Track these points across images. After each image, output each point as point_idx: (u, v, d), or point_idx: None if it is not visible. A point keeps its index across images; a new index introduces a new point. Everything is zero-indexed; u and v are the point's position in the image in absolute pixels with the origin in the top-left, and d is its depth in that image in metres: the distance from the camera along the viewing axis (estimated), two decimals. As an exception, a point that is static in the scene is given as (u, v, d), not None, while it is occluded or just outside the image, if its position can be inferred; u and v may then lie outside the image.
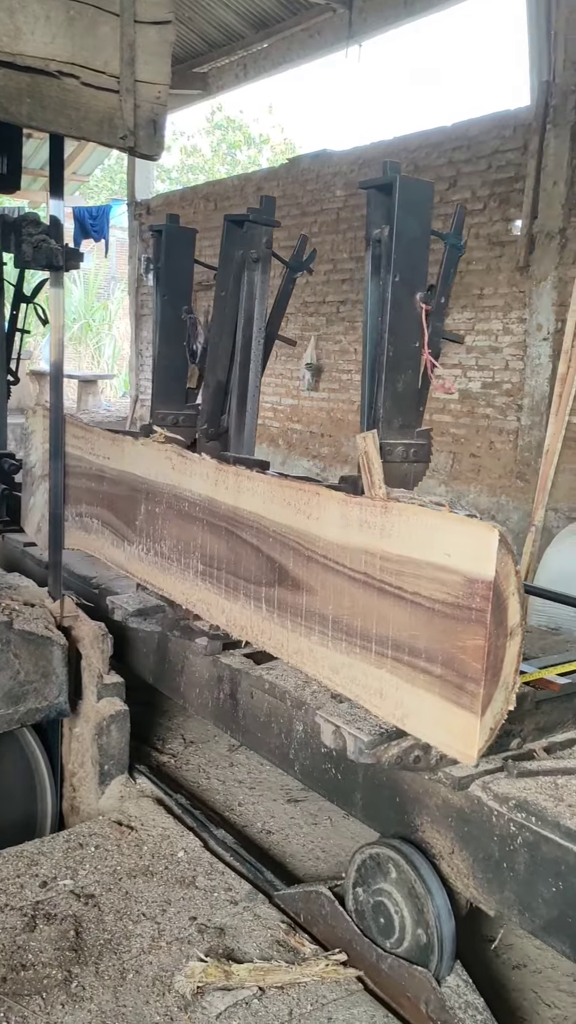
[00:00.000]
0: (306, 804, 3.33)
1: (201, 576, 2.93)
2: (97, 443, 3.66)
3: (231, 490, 2.76)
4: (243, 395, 3.47)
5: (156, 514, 3.19)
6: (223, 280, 3.45)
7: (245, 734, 3.07)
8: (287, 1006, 2.11)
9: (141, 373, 12.73)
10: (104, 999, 2.11)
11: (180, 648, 3.39)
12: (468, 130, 7.41)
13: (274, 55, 10.42)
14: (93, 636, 3.14)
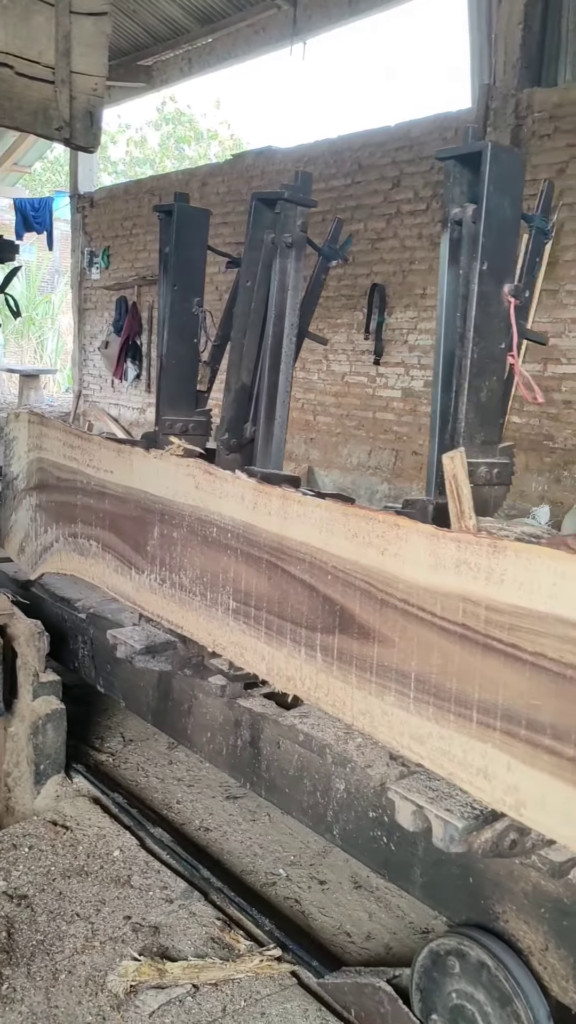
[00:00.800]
0: (245, 801, 3.34)
1: (233, 615, 2.53)
2: (97, 454, 3.20)
3: (276, 516, 2.34)
4: (271, 400, 3.04)
5: (174, 540, 2.76)
6: (249, 268, 3.06)
7: (269, 789, 2.73)
8: (221, 1002, 2.11)
9: (84, 368, 12.59)
10: (35, 1000, 2.09)
11: (187, 686, 3.03)
12: (410, 131, 7.48)
13: (219, 50, 10.38)
14: (29, 634, 3.10)
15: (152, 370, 11.08)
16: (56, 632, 3.99)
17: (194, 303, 3.59)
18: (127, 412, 11.60)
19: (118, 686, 3.60)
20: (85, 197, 12.19)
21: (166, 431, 3.52)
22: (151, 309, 11.00)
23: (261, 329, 3.01)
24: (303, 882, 2.88)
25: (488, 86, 6.82)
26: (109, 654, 3.49)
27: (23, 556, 3.87)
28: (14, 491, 3.93)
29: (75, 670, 3.93)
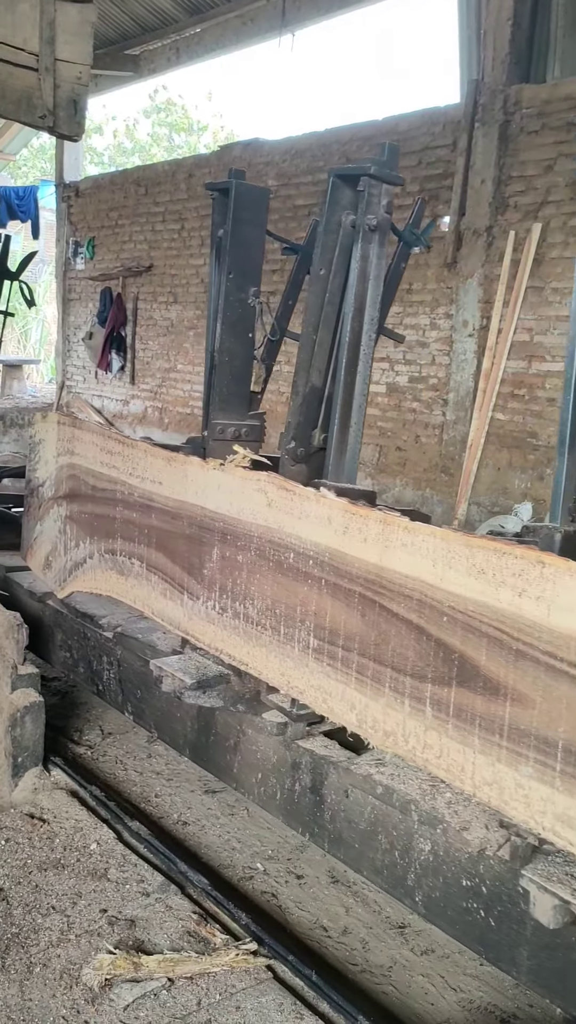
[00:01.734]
0: (223, 795, 3.33)
1: (315, 655, 2.23)
2: (142, 462, 2.86)
3: (374, 543, 2.03)
4: (347, 404, 2.73)
5: (238, 564, 2.46)
6: (324, 255, 2.72)
7: (334, 842, 2.49)
8: (196, 996, 2.11)
9: (68, 359, 12.52)
10: (9, 993, 2.08)
11: (234, 720, 2.75)
12: (398, 125, 7.47)
13: (207, 40, 10.33)
14: (7, 626, 3.08)
15: (136, 362, 11.04)
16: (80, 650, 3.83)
17: (251, 293, 3.24)
18: (110, 404, 11.55)
19: (149, 714, 3.32)
20: (71, 186, 12.11)
21: (216, 436, 3.18)
22: (135, 300, 10.95)
23: (335, 324, 2.71)
24: (280, 876, 2.88)
25: (477, 82, 6.82)
26: (139, 679, 3.23)
27: (49, 572, 3.51)
28: (40, 499, 3.57)
29: (99, 694, 3.75)
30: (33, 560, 3.69)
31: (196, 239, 9.95)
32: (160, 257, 10.54)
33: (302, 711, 2.47)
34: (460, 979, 2.46)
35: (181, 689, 2.66)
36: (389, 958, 2.54)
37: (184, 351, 10.31)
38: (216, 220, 3.39)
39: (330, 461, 2.76)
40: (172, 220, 10.30)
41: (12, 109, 2.65)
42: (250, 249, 3.21)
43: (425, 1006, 2.38)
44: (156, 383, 10.81)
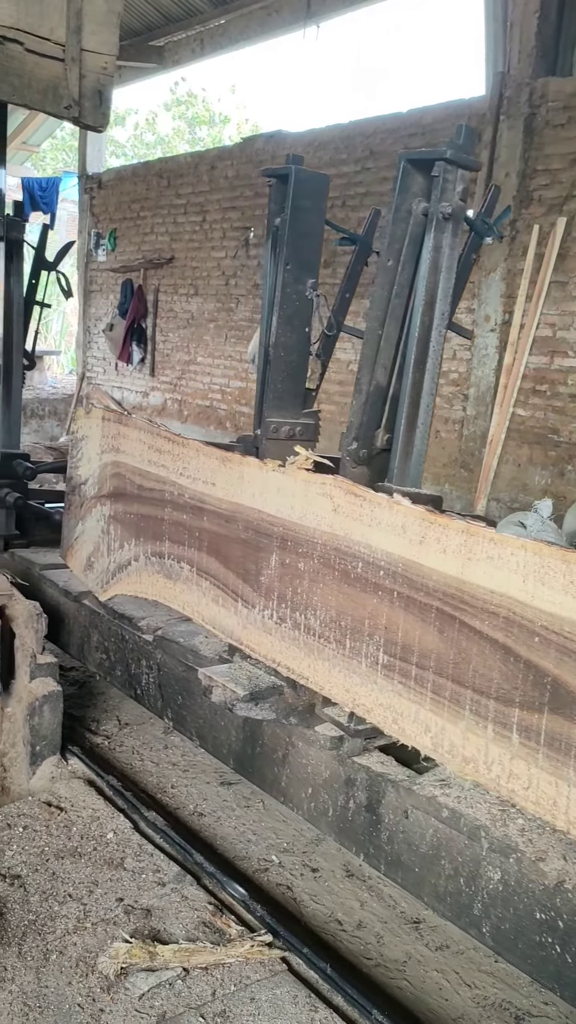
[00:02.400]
0: (239, 787, 3.34)
1: (384, 671, 2.11)
2: (193, 462, 2.73)
3: (454, 555, 1.90)
4: (414, 404, 2.58)
5: (299, 572, 2.33)
6: (392, 245, 2.60)
7: (391, 864, 2.40)
8: (211, 986, 2.12)
9: (88, 350, 12.56)
10: (26, 980, 2.10)
11: (283, 732, 2.64)
12: (422, 117, 7.42)
13: (232, 31, 10.30)
14: (27, 615, 3.10)
15: (156, 355, 11.05)
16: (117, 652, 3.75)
17: (308, 285, 3.10)
18: (130, 395, 11.58)
19: (191, 722, 3.23)
20: (93, 178, 12.13)
21: (270, 435, 3.05)
22: (156, 292, 10.96)
23: (403, 318, 2.57)
24: (295, 869, 2.88)
25: (502, 74, 6.76)
26: (181, 685, 3.15)
27: (91, 573, 3.41)
28: (81, 497, 3.45)
29: (136, 698, 3.69)
30: (73, 560, 3.58)
31: (218, 231, 9.94)
32: (181, 249, 10.54)
33: (360, 726, 2.35)
34: (475, 975, 2.45)
35: (233, 700, 2.57)
36: (404, 953, 2.53)
37: (204, 344, 10.31)
38: (273, 208, 3.25)
39: (395, 464, 2.61)
40: (194, 212, 10.29)
41: (38, 99, 2.65)
42: (309, 239, 3.05)
43: (439, 1002, 2.37)
44: (176, 375, 10.82)
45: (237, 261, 9.66)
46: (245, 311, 9.58)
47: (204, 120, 23.72)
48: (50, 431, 11.45)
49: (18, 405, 4.50)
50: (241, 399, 9.83)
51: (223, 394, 10.10)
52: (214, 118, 23.78)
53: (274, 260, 3.19)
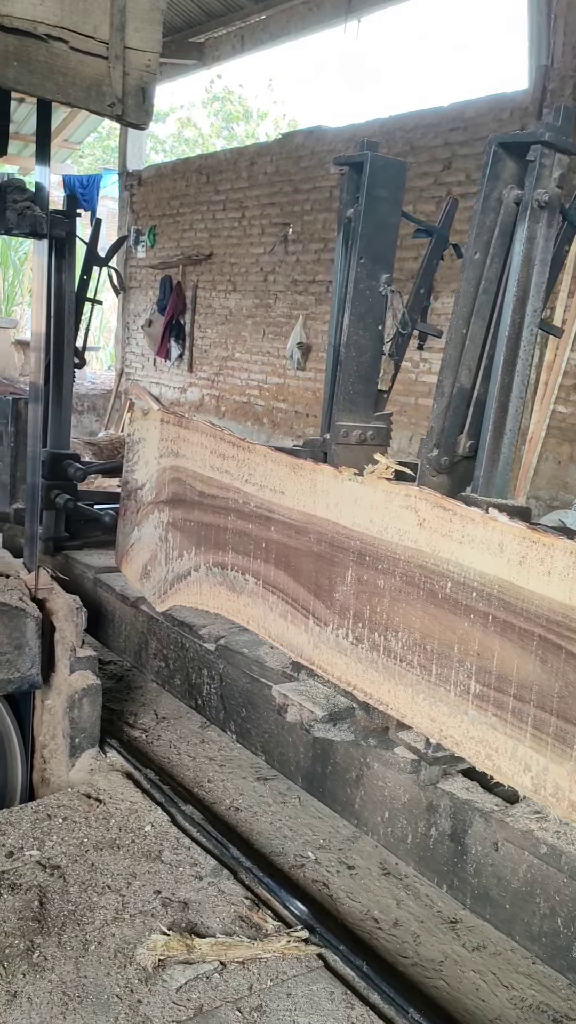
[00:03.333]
0: (275, 783, 3.35)
1: (477, 702, 1.94)
2: (260, 468, 2.57)
3: (560, 578, 1.74)
4: (502, 408, 2.42)
5: (379, 589, 2.17)
6: (479, 237, 2.44)
7: (478, 899, 2.31)
8: (247, 981, 2.13)
9: (127, 346, 12.65)
10: (65, 970, 2.12)
11: (357, 751, 2.54)
12: (464, 111, 7.36)
13: (272, 27, 10.30)
14: (67, 609, 3.13)
15: (194, 350, 11.10)
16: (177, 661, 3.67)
17: (383, 281, 2.96)
18: (168, 391, 11.64)
19: (256, 736, 3.16)
20: (133, 175, 12.20)
21: (340, 440, 2.90)
22: (195, 289, 11.00)
23: (490, 316, 2.42)
24: (332, 866, 2.88)
25: (546, 67, 6.68)
26: (245, 697, 3.08)
27: (147, 582, 3.24)
28: (138, 502, 3.31)
29: (197, 708, 3.68)
30: (129, 568, 3.42)
31: (256, 228, 9.94)
32: (220, 245, 10.56)
33: (439, 753, 2.22)
34: (512, 977, 2.44)
35: (311, 721, 2.41)
36: (441, 952, 2.52)
37: (242, 340, 10.33)
38: (345, 199, 3.09)
39: (480, 472, 2.42)
40: (233, 208, 10.31)
41: (82, 97, 2.66)
42: (384, 231, 2.88)
43: (476, 1002, 2.36)
44: (213, 371, 10.86)
45: (275, 257, 9.66)
46: (283, 307, 9.59)
47: (240, 116, 23.75)
48: (89, 426, 11.55)
49: (69, 405, 4.42)
50: (278, 395, 9.84)
51: (260, 390, 10.11)
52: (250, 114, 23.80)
53: (346, 254, 3.04)
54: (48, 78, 2.59)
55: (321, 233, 8.99)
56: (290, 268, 9.47)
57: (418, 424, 7.95)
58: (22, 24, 2.48)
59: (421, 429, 7.94)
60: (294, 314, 9.40)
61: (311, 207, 9.09)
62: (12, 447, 4.51)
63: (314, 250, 9.10)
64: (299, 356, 9.32)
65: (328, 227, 8.93)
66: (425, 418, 7.84)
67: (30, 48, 2.54)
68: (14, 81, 2.55)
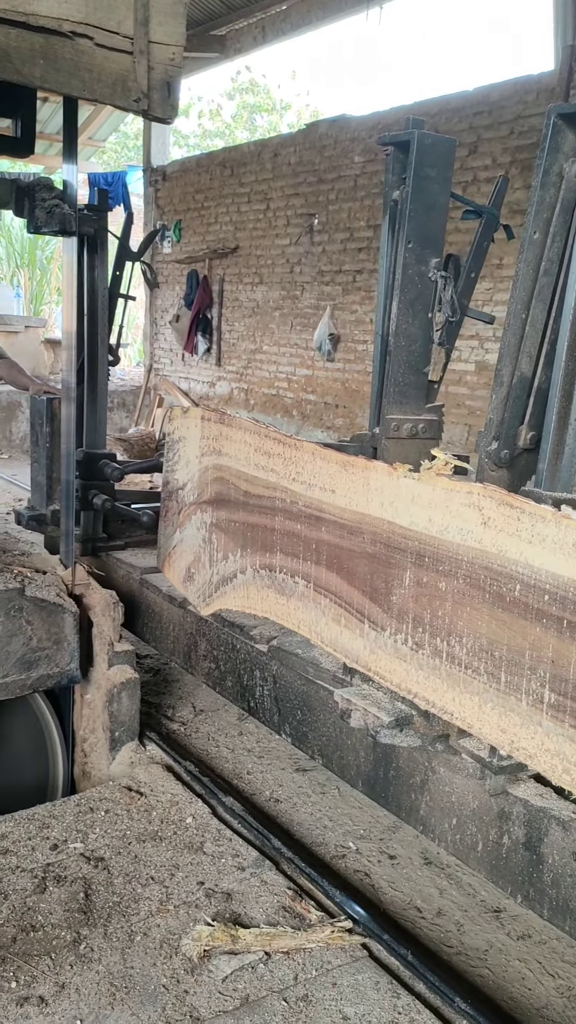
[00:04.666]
0: (314, 774, 3.35)
1: (552, 712, 1.83)
2: (308, 466, 2.47)
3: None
4: (567, 397, 2.31)
5: (440, 592, 2.07)
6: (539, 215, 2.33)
7: (556, 910, 2.25)
8: (292, 971, 2.14)
9: (155, 342, 12.69)
10: (112, 960, 2.14)
11: (422, 755, 2.48)
12: (490, 95, 7.28)
13: (293, 17, 10.25)
14: (104, 604, 3.15)
15: (222, 344, 11.11)
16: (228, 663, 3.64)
17: (432, 266, 2.85)
18: (197, 386, 11.67)
19: (314, 740, 3.09)
20: (158, 170, 12.22)
21: (391, 434, 2.81)
22: (221, 282, 11.00)
23: (551, 299, 2.29)
24: (373, 856, 2.88)
25: (572, 47, 6.58)
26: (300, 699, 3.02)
27: (191, 585, 3.17)
28: (180, 503, 3.24)
29: (251, 711, 3.67)
30: (171, 571, 3.35)
31: (281, 219, 9.92)
32: (245, 238, 10.56)
33: (504, 762, 2.14)
34: (558, 966, 2.42)
35: (377, 727, 2.33)
36: (485, 941, 2.52)
37: (270, 332, 10.32)
38: (391, 180, 2.96)
39: (543, 465, 2.32)
40: (257, 201, 10.29)
41: (107, 93, 2.67)
42: (433, 213, 2.76)
43: (522, 991, 2.35)
44: (242, 365, 10.86)
45: (301, 248, 9.63)
46: (310, 298, 9.56)
47: (265, 108, 23.69)
48: (119, 423, 11.61)
49: (104, 403, 4.35)
50: (307, 387, 9.82)
51: (289, 382, 10.10)
52: (275, 105, 23.73)
53: (392, 238, 2.93)
54: (74, 75, 2.60)
55: (347, 223, 8.95)
56: (316, 259, 9.44)
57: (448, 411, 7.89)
58: (47, 22, 2.49)
59: (452, 416, 7.89)
60: (321, 305, 9.37)
61: (336, 196, 9.05)
62: (48, 448, 4.50)
63: (340, 240, 9.06)
64: (330, 347, 9.28)
65: (353, 216, 8.89)
66: (455, 405, 7.79)
67: (55, 46, 2.55)
68: (41, 80, 2.56)
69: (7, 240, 17.12)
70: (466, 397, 7.73)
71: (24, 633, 2.86)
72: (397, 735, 2.37)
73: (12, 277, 17.10)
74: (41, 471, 4.58)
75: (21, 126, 3.30)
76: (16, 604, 2.84)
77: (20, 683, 2.88)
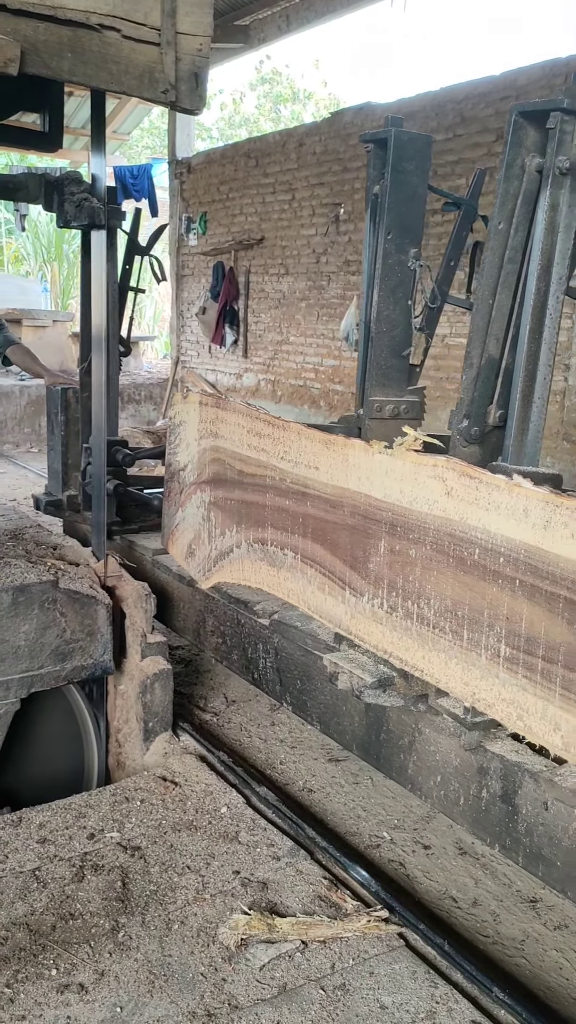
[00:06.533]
0: (347, 763, 3.36)
1: (507, 665, 2.01)
2: (295, 445, 2.65)
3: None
4: (530, 377, 2.47)
5: (412, 559, 2.23)
6: (504, 205, 2.48)
7: (530, 857, 2.41)
8: (329, 960, 2.14)
9: (182, 334, 12.71)
10: (150, 948, 2.16)
11: (410, 718, 2.64)
12: (517, 80, 7.20)
13: (317, 5, 10.18)
14: (136, 596, 3.17)
15: (249, 336, 11.10)
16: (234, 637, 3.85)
17: (411, 255, 3.00)
18: (224, 378, 11.68)
19: (312, 707, 3.24)
20: (183, 163, 12.22)
21: (374, 415, 2.97)
22: (247, 274, 10.99)
23: (516, 285, 2.45)
24: (407, 846, 2.88)
25: (600, 28, 6.49)
26: (300, 669, 3.18)
27: (192, 560, 3.34)
28: (181, 484, 3.41)
29: (255, 682, 3.79)
30: (175, 548, 3.53)
31: (307, 209, 9.88)
32: (271, 229, 10.53)
33: (477, 719, 2.29)
34: (595, 956, 2.41)
35: (361, 687, 2.48)
36: (521, 931, 2.51)
37: (296, 323, 10.30)
38: (372, 175, 3.16)
39: (510, 441, 2.48)
40: (282, 191, 10.26)
41: (135, 85, 2.66)
42: (411, 204, 2.94)
43: (559, 980, 2.34)
44: (268, 356, 10.85)
45: (327, 238, 9.59)
46: (336, 288, 9.52)
47: (288, 98, 23.58)
48: (147, 415, 11.66)
49: (115, 392, 4.54)
50: (334, 377, 9.79)
51: (316, 373, 10.08)
52: (297, 95, 23.61)
53: (374, 230, 3.09)
54: (102, 68, 2.60)
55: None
56: (342, 248, 9.39)
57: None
58: (75, 15, 2.49)
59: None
60: (347, 295, 9.33)
61: (361, 185, 8.99)
62: (63, 436, 4.64)
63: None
64: (357, 337, 9.23)
65: (380, 205, 8.84)
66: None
67: (83, 39, 2.55)
68: (69, 73, 2.56)
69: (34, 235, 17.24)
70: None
71: (58, 625, 2.89)
72: (380, 695, 2.51)
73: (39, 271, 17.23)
74: (57, 458, 4.73)
75: (49, 120, 3.32)
76: (50, 596, 2.86)
77: (55, 674, 2.90)
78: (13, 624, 2.78)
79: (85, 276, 4.05)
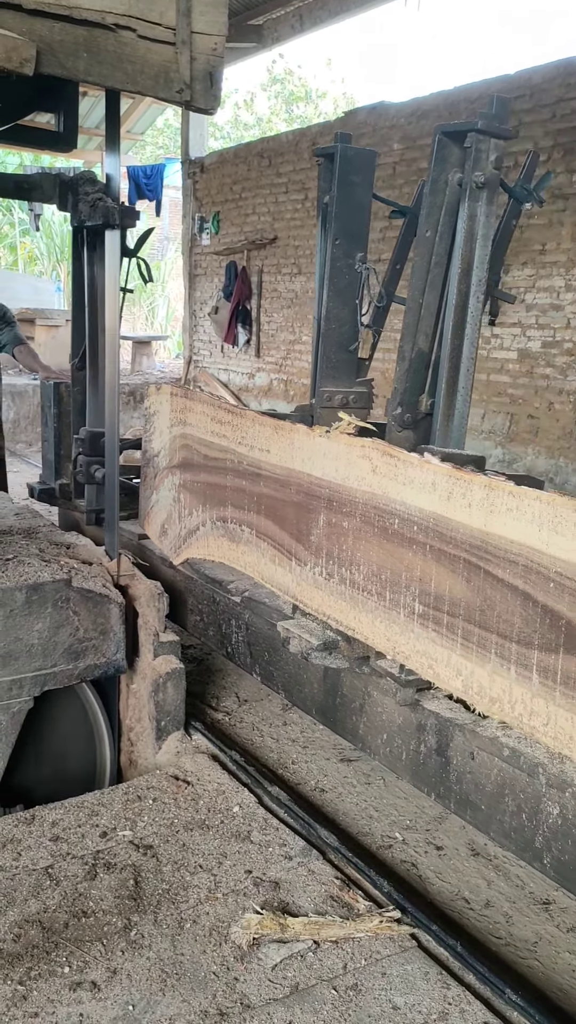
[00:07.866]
0: (359, 764, 3.35)
1: (420, 620, 2.25)
2: (250, 431, 2.88)
3: (478, 508, 2.03)
4: (454, 368, 2.73)
5: (345, 530, 2.48)
6: (430, 215, 2.72)
7: (460, 803, 2.62)
8: (341, 960, 2.14)
9: (195, 334, 12.72)
10: (162, 947, 2.16)
11: (360, 683, 2.86)
12: (531, 78, 7.17)
13: (331, 4, 10.17)
14: (149, 595, 3.17)
15: (261, 335, 11.10)
16: (210, 614, 4.08)
17: (357, 259, 3.21)
18: (236, 377, 11.68)
19: (278, 677, 3.43)
20: (196, 162, 12.23)
21: (324, 404, 3.19)
22: (260, 273, 10.99)
23: (442, 286, 2.69)
24: (419, 847, 2.88)
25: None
26: (267, 643, 3.40)
27: (165, 539, 3.60)
28: (155, 468, 3.65)
29: (229, 656, 3.94)
30: (150, 528, 3.78)
31: (320, 209, 9.88)
32: (283, 228, 10.53)
33: (410, 677, 2.50)
34: (609, 959, 2.40)
35: (308, 650, 2.71)
36: (534, 933, 2.50)
37: (308, 322, 10.28)
38: (322, 186, 3.41)
39: (437, 427, 2.75)
40: (295, 190, 10.26)
41: (150, 85, 2.67)
42: (356, 213, 3.18)
43: (572, 983, 2.34)
44: (281, 355, 10.85)
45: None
46: (349, 288, 9.52)
47: (300, 97, 23.56)
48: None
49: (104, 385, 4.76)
50: (347, 377, 9.78)
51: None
52: (310, 94, 23.59)
53: (324, 236, 3.30)
54: (117, 68, 2.60)
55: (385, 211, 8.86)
56: (355, 248, 9.38)
57: (489, 400, 7.82)
58: (90, 15, 2.50)
59: (493, 405, 7.81)
60: (360, 294, 9.32)
61: (380, 184, 8.98)
62: (56, 428, 4.93)
63: (378, 228, 8.98)
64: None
65: (393, 204, 8.82)
66: (496, 394, 7.71)
67: (99, 39, 2.56)
68: (84, 73, 2.57)
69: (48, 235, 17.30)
70: (508, 386, 7.65)
71: (71, 624, 2.90)
72: (327, 657, 2.74)
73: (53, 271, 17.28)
74: (50, 449, 4.98)
75: (64, 120, 3.32)
76: (63, 595, 2.87)
77: (68, 673, 2.91)
78: (27, 622, 2.79)
79: (77, 276, 4.22)
